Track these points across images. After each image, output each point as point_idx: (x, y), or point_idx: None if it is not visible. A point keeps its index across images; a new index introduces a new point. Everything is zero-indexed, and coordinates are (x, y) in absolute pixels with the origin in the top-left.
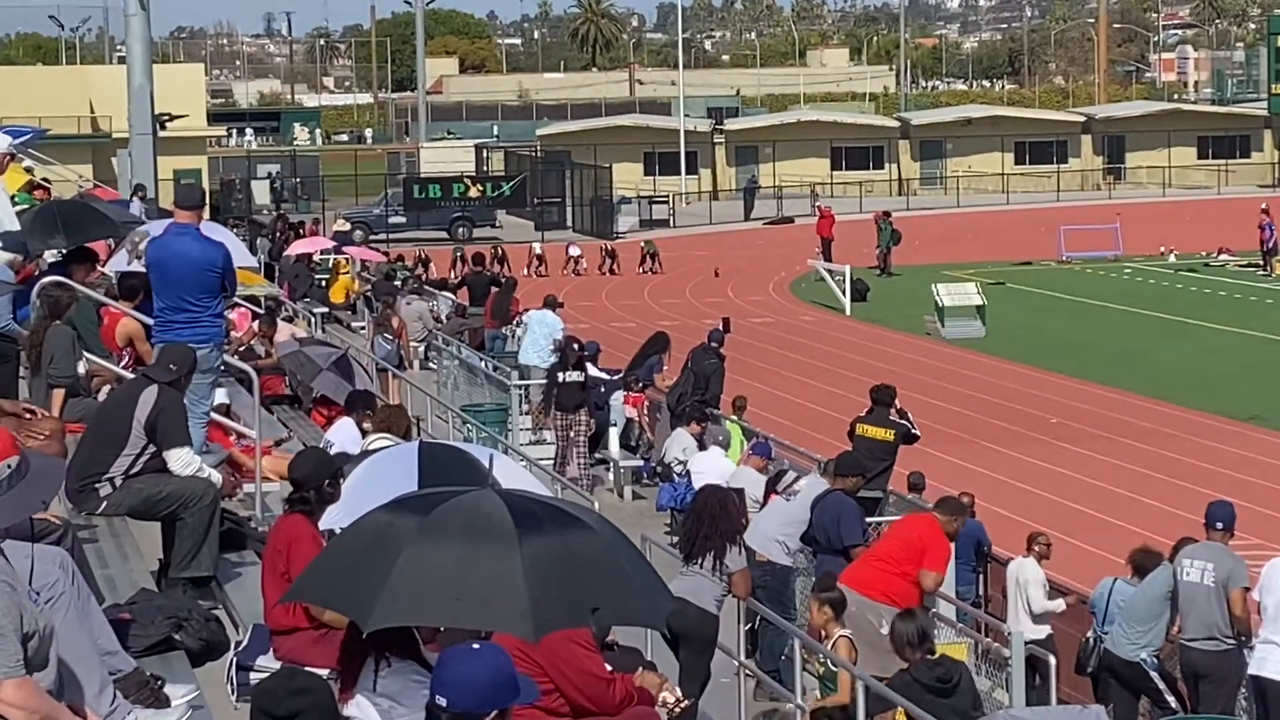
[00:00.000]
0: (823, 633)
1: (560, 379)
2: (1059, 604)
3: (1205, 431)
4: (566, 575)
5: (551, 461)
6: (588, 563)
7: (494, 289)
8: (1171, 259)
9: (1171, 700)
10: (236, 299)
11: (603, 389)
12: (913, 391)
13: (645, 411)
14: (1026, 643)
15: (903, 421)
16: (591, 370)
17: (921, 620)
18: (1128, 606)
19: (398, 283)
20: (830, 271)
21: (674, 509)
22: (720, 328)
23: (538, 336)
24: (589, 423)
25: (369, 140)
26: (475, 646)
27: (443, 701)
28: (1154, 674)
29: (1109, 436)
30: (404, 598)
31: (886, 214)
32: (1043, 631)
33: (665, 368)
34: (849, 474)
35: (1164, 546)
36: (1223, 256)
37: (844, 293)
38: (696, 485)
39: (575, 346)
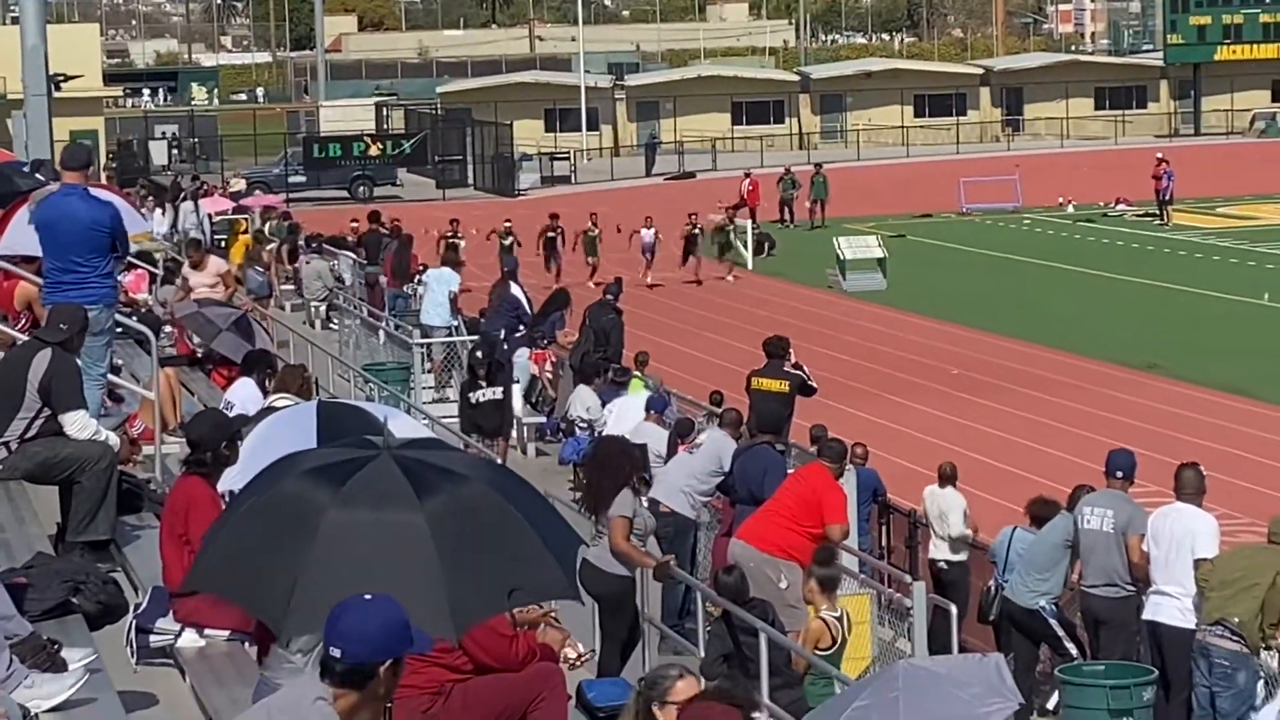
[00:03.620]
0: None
1: (474, 400)
2: (969, 533)
3: (1104, 380)
4: (478, 557)
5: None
6: (497, 537)
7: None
8: (1070, 210)
9: (1071, 647)
10: (132, 259)
11: (505, 346)
12: (815, 345)
13: (549, 368)
14: (948, 564)
15: (797, 372)
16: (513, 288)
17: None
18: (1027, 555)
19: (301, 242)
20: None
21: (577, 464)
22: (614, 283)
23: (437, 295)
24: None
25: (261, 99)
26: (368, 597)
27: (336, 652)
28: (1053, 621)
29: (1009, 387)
30: (318, 604)
31: (819, 166)
32: (962, 556)
33: (567, 324)
34: (772, 429)
35: (1064, 495)
36: (1120, 206)
37: (746, 247)
38: (614, 428)
39: (481, 355)
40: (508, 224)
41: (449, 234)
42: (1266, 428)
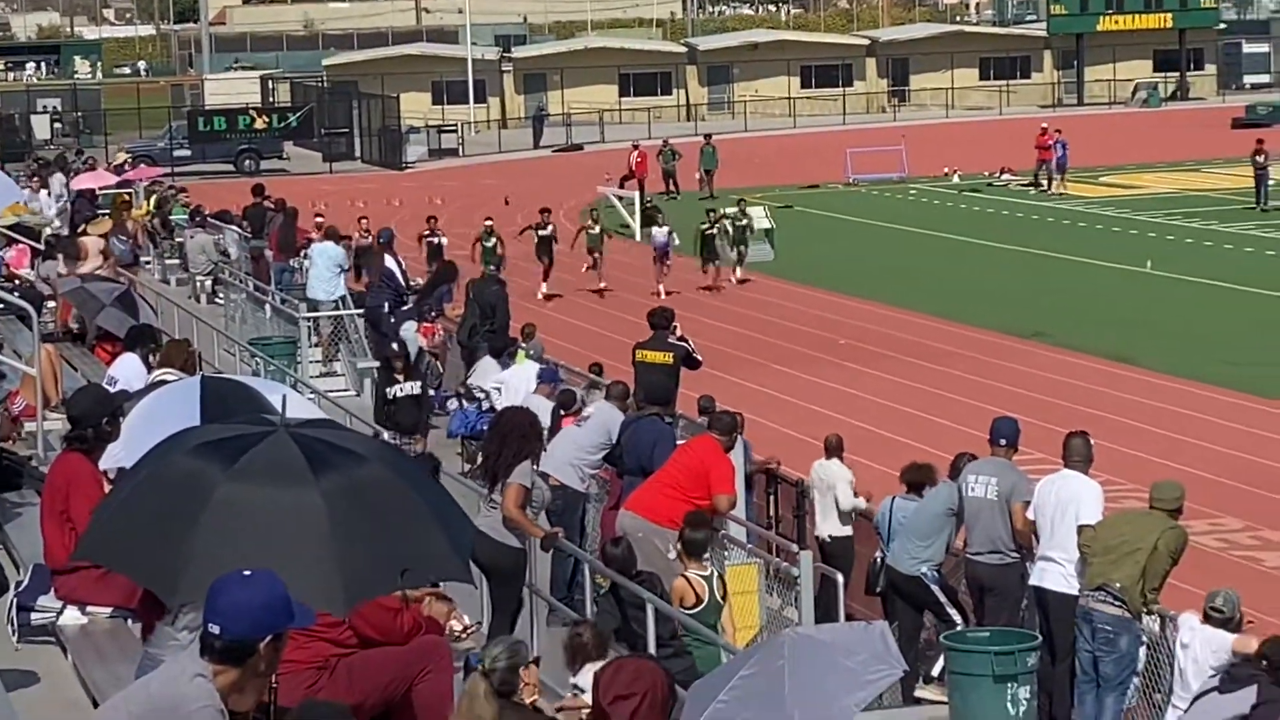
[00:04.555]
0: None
1: (390, 395)
2: (862, 501)
3: (991, 349)
4: (372, 535)
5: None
6: (392, 517)
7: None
8: (955, 179)
9: (954, 613)
10: (11, 234)
11: (393, 319)
12: (702, 316)
13: (437, 341)
14: (832, 539)
15: (682, 343)
16: (388, 260)
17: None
18: (910, 522)
19: (182, 218)
20: (620, 198)
21: (465, 436)
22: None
23: (321, 269)
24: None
25: (145, 72)
26: (246, 573)
27: (215, 629)
28: (935, 587)
29: (897, 356)
30: (207, 571)
31: (708, 137)
32: (847, 531)
33: (455, 297)
34: (660, 401)
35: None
36: (1005, 176)
37: (634, 218)
38: (505, 401)
39: (397, 348)
40: (489, 223)
41: (427, 233)
42: (1149, 394)
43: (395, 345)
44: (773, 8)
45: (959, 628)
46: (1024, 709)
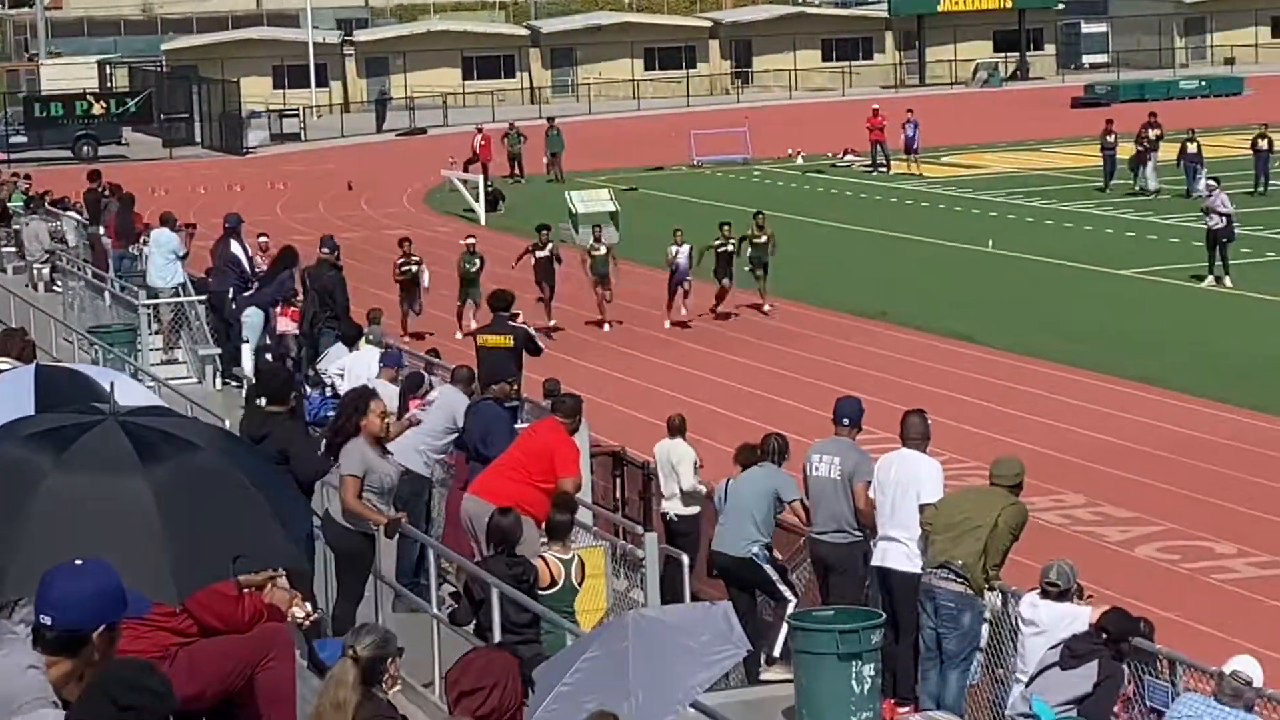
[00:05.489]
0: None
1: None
2: (702, 488)
3: (835, 329)
4: (203, 523)
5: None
6: (224, 505)
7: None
8: (799, 161)
9: (785, 590)
10: None
11: (234, 305)
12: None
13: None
14: (678, 518)
15: (522, 326)
16: (233, 246)
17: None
18: (733, 503)
19: (18, 204)
20: (464, 181)
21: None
22: (328, 237)
23: (157, 257)
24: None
25: None
26: (78, 563)
27: (47, 620)
28: (766, 566)
29: (742, 337)
30: (35, 564)
31: (551, 120)
32: (694, 509)
33: (297, 282)
34: (496, 382)
35: (799, 445)
36: (848, 157)
37: (478, 201)
38: (348, 387)
39: (284, 357)
40: (470, 241)
41: (401, 260)
42: (990, 372)
43: (269, 355)
44: None
45: (792, 604)
46: (868, 686)
